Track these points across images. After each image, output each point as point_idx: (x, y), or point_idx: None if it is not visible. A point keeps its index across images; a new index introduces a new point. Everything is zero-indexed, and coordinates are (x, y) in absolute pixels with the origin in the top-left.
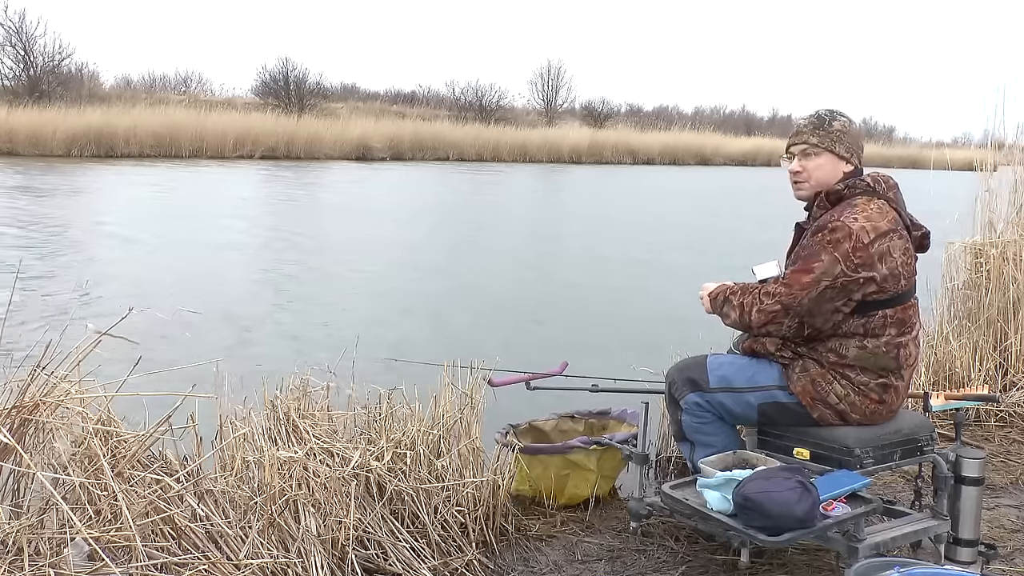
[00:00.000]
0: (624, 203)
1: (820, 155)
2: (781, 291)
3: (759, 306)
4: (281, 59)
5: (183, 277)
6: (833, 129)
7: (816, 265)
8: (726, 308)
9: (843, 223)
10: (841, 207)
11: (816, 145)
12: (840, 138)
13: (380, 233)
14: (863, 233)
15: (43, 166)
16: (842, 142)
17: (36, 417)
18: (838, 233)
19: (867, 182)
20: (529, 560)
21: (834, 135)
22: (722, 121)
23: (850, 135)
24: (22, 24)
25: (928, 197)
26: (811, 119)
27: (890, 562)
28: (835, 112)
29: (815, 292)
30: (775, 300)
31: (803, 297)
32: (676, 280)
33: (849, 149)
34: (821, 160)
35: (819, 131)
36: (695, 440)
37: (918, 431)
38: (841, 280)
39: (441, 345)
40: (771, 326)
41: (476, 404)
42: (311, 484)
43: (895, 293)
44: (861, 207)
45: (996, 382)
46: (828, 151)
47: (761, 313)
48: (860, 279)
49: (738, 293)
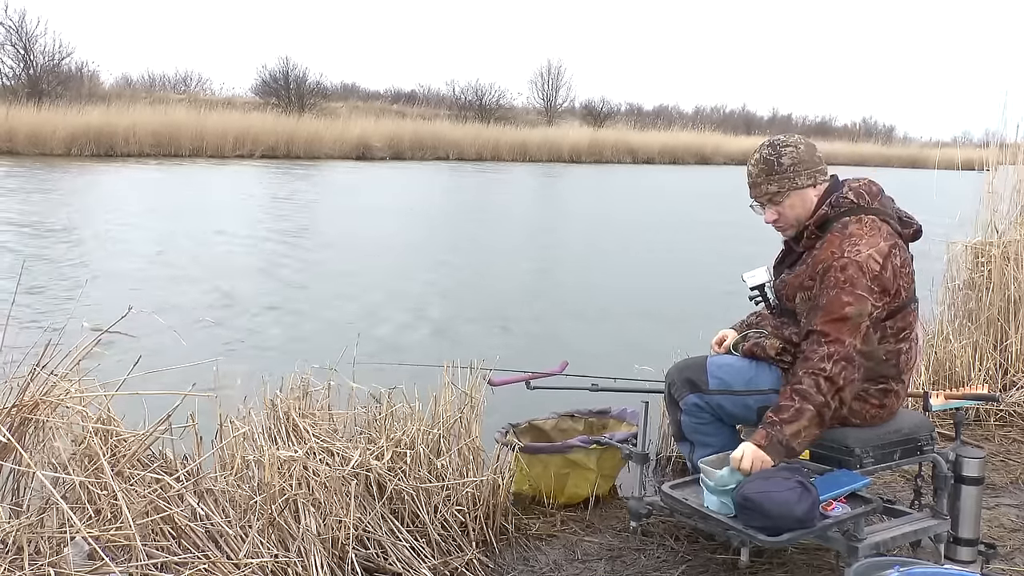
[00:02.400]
0: (624, 202)
1: (787, 197)
2: (834, 348)
3: (826, 384)
4: (281, 58)
5: (183, 276)
6: (784, 167)
7: (848, 310)
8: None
9: (849, 259)
10: (837, 239)
11: (777, 192)
12: (796, 171)
13: (380, 232)
14: (871, 262)
15: (43, 165)
16: (800, 174)
17: (36, 416)
18: (849, 270)
19: (850, 199)
20: (529, 559)
21: (789, 172)
22: (722, 120)
23: (804, 161)
24: (22, 24)
25: (929, 197)
26: (759, 166)
27: (890, 561)
28: (777, 145)
29: (860, 335)
30: (835, 362)
31: (856, 342)
32: (676, 279)
33: (810, 174)
34: (790, 200)
35: (773, 176)
36: (694, 440)
37: (918, 431)
38: (875, 314)
39: (441, 344)
40: (851, 386)
41: (476, 403)
42: (311, 483)
43: (897, 307)
44: (856, 234)
45: (996, 381)
46: (792, 190)
47: (835, 384)
48: (885, 304)
49: (786, 409)
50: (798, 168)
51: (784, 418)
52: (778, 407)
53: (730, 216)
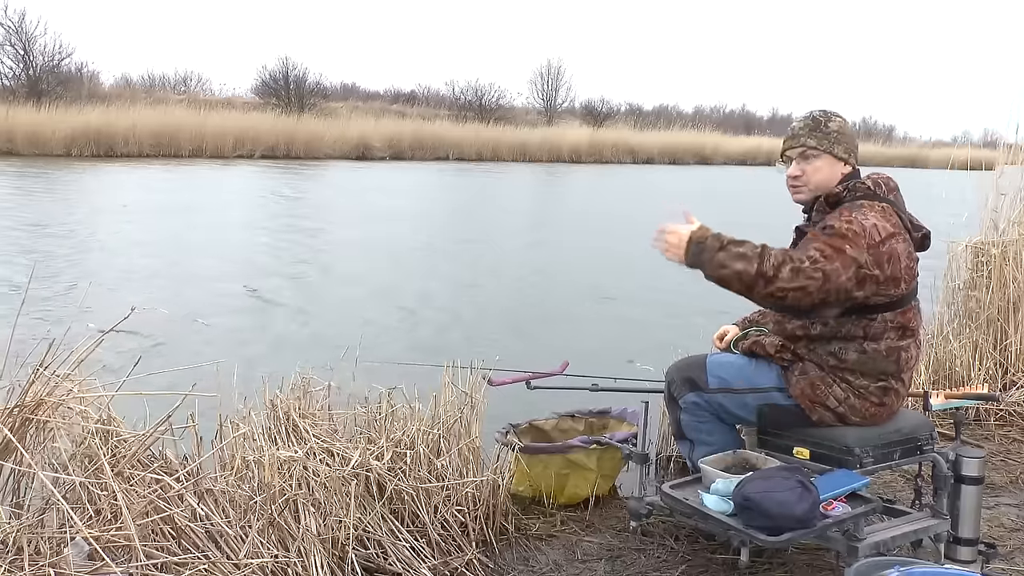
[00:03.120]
0: (624, 202)
1: (819, 157)
2: (825, 260)
3: (794, 265)
4: (281, 59)
5: (183, 276)
6: (830, 130)
7: (848, 247)
8: (722, 257)
9: (855, 220)
10: (847, 209)
11: (815, 147)
12: (838, 139)
13: (380, 232)
14: (875, 231)
15: (42, 165)
16: (840, 143)
17: (38, 416)
18: (854, 226)
19: (867, 185)
20: (529, 559)
21: (832, 136)
22: (722, 120)
23: (846, 136)
24: (22, 24)
25: (930, 196)
26: (806, 121)
27: (890, 561)
28: (830, 113)
29: (851, 272)
30: (816, 267)
31: (844, 273)
32: (676, 279)
33: (847, 150)
34: (820, 163)
35: (816, 133)
36: (694, 439)
37: (918, 430)
38: (863, 272)
39: (441, 344)
40: (796, 294)
41: (476, 404)
42: (311, 483)
43: (895, 297)
44: (867, 208)
45: (996, 381)
46: (827, 153)
47: (796, 273)
48: (871, 275)
49: (746, 244)
50: (840, 137)
51: (732, 240)
52: (741, 240)
53: (730, 216)
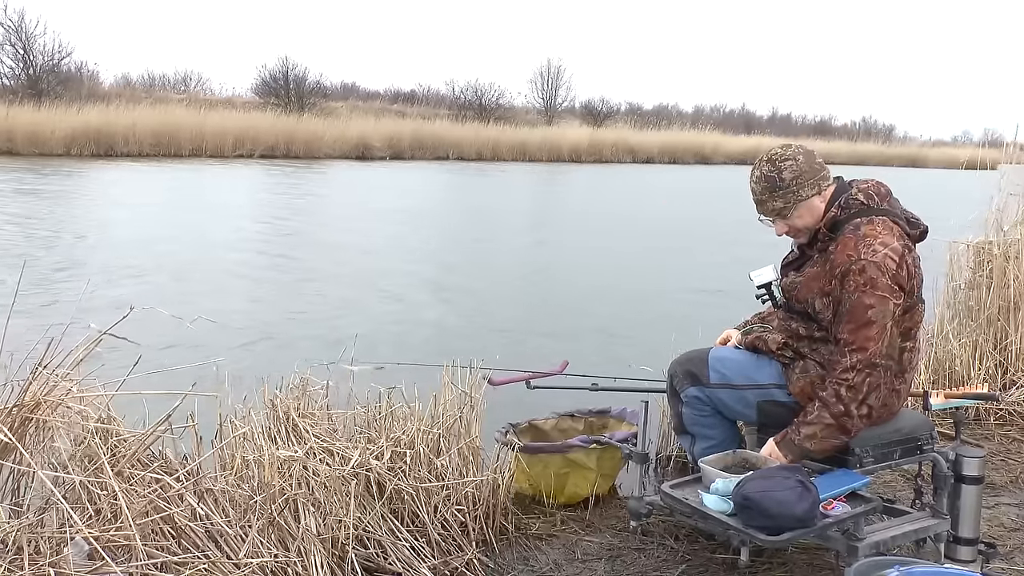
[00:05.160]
0: (624, 201)
1: (794, 209)
2: (857, 358)
3: (848, 393)
4: (281, 58)
5: (183, 276)
6: (787, 182)
7: (871, 313)
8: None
9: (866, 260)
10: (851, 240)
11: (784, 207)
12: (800, 183)
13: (380, 232)
14: (888, 261)
15: (42, 165)
16: (804, 185)
17: (37, 416)
18: (868, 272)
19: (860, 200)
20: (529, 559)
21: (792, 187)
22: (722, 120)
23: (806, 172)
24: (21, 23)
25: (930, 196)
26: (762, 184)
27: (890, 561)
28: (776, 160)
29: (887, 337)
30: (857, 371)
31: (881, 347)
32: (676, 279)
33: (813, 184)
34: (798, 211)
35: (776, 192)
36: (695, 433)
37: (918, 430)
38: (898, 312)
39: (441, 344)
40: (876, 392)
41: (476, 403)
42: (311, 483)
43: (909, 304)
44: (870, 235)
45: (996, 381)
46: (798, 203)
47: (857, 392)
48: (899, 303)
49: (809, 413)
50: (800, 181)
51: (803, 420)
52: (805, 411)
53: (731, 216)
